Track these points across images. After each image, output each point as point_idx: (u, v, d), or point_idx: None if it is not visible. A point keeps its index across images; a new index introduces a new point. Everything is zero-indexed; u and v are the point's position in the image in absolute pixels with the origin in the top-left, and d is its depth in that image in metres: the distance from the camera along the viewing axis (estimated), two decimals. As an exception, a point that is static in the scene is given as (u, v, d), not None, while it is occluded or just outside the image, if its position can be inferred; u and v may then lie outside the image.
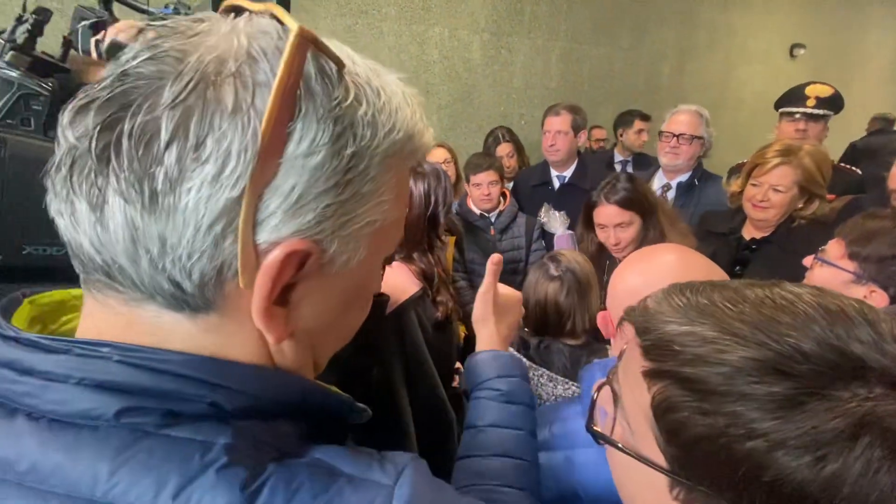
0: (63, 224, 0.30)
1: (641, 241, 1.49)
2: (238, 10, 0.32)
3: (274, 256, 0.30)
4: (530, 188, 2.21)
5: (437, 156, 2.33)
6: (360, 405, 0.40)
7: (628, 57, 4.31)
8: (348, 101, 0.31)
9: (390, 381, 1.00)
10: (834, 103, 1.96)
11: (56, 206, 0.30)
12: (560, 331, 1.24)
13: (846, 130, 6.35)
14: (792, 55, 5.48)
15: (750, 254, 1.59)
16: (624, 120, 3.44)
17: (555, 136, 2.07)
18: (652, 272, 0.68)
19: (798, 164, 1.43)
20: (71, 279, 0.34)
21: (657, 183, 2.06)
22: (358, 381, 1.01)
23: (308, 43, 0.29)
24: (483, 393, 0.65)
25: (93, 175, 0.28)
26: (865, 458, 0.31)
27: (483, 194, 1.96)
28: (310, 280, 0.33)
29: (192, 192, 0.27)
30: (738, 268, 1.60)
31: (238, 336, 0.33)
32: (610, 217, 1.49)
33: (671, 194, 2.01)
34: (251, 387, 0.32)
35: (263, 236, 0.29)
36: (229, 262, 0.29)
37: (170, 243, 0.28)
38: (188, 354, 0.31)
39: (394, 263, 1.08)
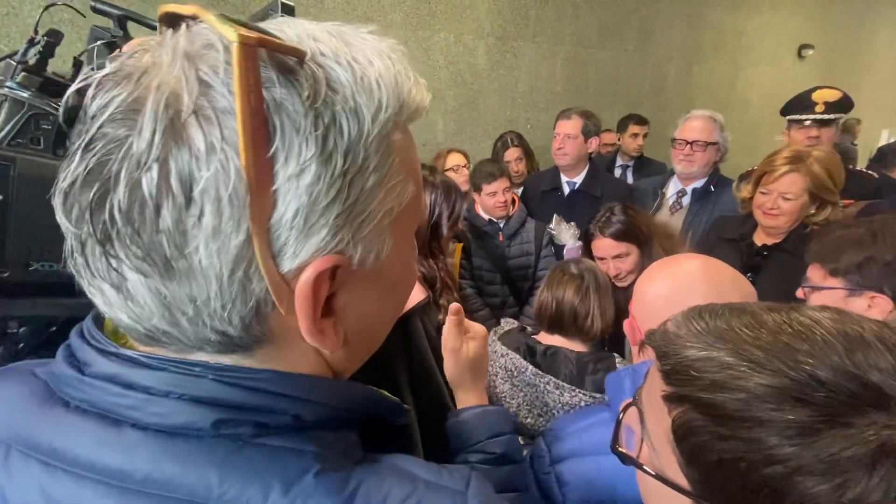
0: (100, 304, 0.30)
1: (641, 270, 1.50)
2: (175, 19, 0.30)
3: (304, 280, 0.29)
4: (540, 193, 2.20)
5: (453, 161, 2.33)
6: (406, 406, 0.41)
7: (634, 60, 4.30)
8: (322, 96, 0.28)
9: (397, 389, 1.00)
10: (843, 106, 1.93)
11: (87, 289, 0.30)
12: (576, 331, 1.23)
13: (860, 131, 6.30)
14: (800, 56, 5.43)
15: (762, 260, 1.56)
16: (620, 125, 3.45)
17: (563, 140, 2.05)
18: (679, 278, 0.68)
19: (807, 171, 1.41)
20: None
21: (672, 189, 2.03)
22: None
23: (255, 49, 0.26)
24: (475, 457, 0.63)
25: (105, 258, 0.28)
26: (885, 484, 0.31)
27: (499, 202, 1.95)
28: (347, 285, 0.33)
29: (201, 249, 0.27)
30: (749, 274, 1.58)
31: (296, 356, 0.33)
32: (606, 250, 1.52)
33: (686, 200, 1.98)
34: (328, 398, 0.33)
35: (286, 265, 0.29)
36: (264, 299, 0.29)
37: (200, 301, 0.28)
38: (274, 372, 0.32)
39: None
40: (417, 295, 1.07)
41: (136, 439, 0.30)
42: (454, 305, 0.67)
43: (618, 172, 3.40)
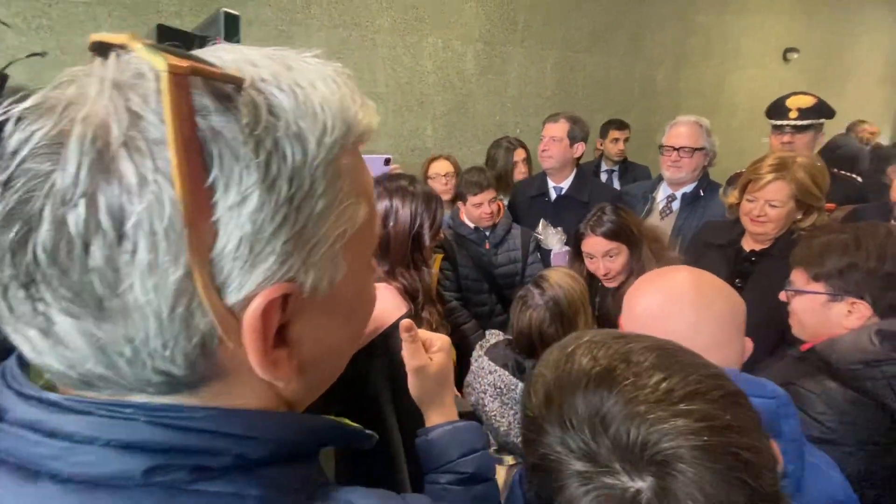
0: (27, 351, 0.28)
1: (630, 271, 1.50)
2: (104, 48, 0.28)
3: (252, 311, 0.28)
4: (528, 199, 2.19)
5: (440, 168, 2.31)
6: (369, 431, 0.39)
7: (623, 64, 4.32)
8: (262, 123, 0.27)
9: (379, 407, 0.98)
10: (819, 111, 1.96)
11: (12, 336, 0.28)
12: None
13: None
14: (786, 59, 5.50)
15: (750, 266, 1.56)
16: (602, 130, 3.49)
17: (549, 142, 2.06)
18: (668, 291, 0.67)
19: (792, 179, 1.42)
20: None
21: (662, 194, 2.03)
22: (348, 408, 0.99)
23: (186, 78, 0.25)
24: (446, 478, 0.61)
25: (30, 301, 0.26)
26: None
27: (485, 213, 1.93)
28: (300, 314, 0.31)
29: (136, 286, 0.25)
30: (738, 280, 1.57)
31: (246, 391, 0.32)
32: (597, 248, 1.52)
33: (676, 205, 1.98)
34: (275, 433, 0.31)
35: (232, 297, 0.28)
36: (209, 334, 0.28)
37: (139, 340, 0.27)
38: (214, 409, 0.30)
39: (379, 284, 1.06)
40: (397, 310, 1.05)
41: (54, 493, 0.27)
42: (405, 322, 0.64)
43: (603, 177, 3.42)
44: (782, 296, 1.10)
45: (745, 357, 0.66)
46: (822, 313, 1.00)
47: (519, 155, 2.52)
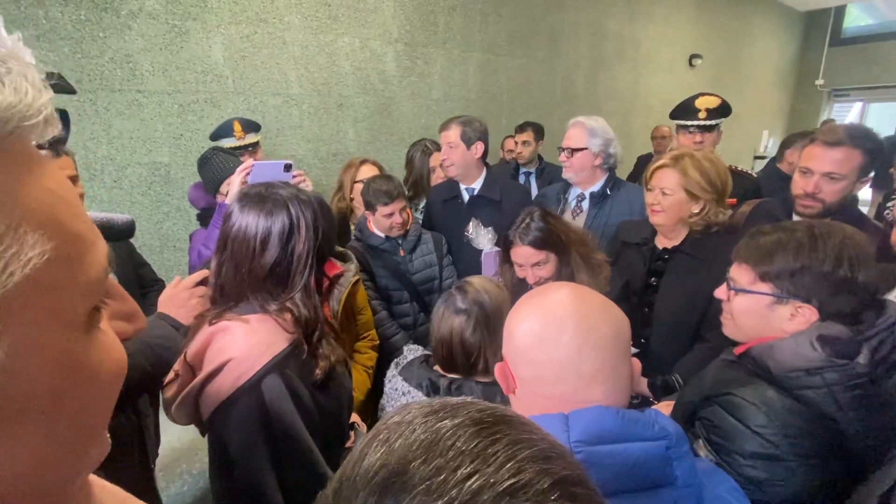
0: None
1: (559, 276, 1.46)
2: None
3: None
4: (442, 203, 2.12)
5: (367, 172, 2.16)
6: None
7: (544, 67, 4.40)
8: None
9: (259, 469, 0.81)
10: (723, 111, 2.08)
11: None
12: (470, 369, 1.12)
13: (744, 132, 6.96)
14: (691, 64, 5.89)
15: (663, 264, 1.57)
16: (516, 133, 3.54)
17: (446, 151, 2.02)
18: (547, 312, 0.59)
19: (682, 169, 1.44)
20: None
21: (573, 194, 2.04)
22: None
23: None
24: None
25: None
26: None
27: (396, 223, 1.83)
28: None
29: None
30: (653, 279, 1.58)
31: None
32: (525, 257, 1.47)
33: (585, 204, 1.99)
34: None
35: None
36: None
37: None
38: None
39: (252, 317, 0.89)
40: (270, 347, 0.86)
41: None
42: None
43: (522, 179, 3.45)
44: (721, 293, 1.01)
45: (635, 376, 0.60)
46: (763, 315, 0.92)
47: (436, 160, 2.44)
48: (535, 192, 3.00)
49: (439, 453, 0.26)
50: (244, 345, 0.82)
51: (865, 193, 2.48)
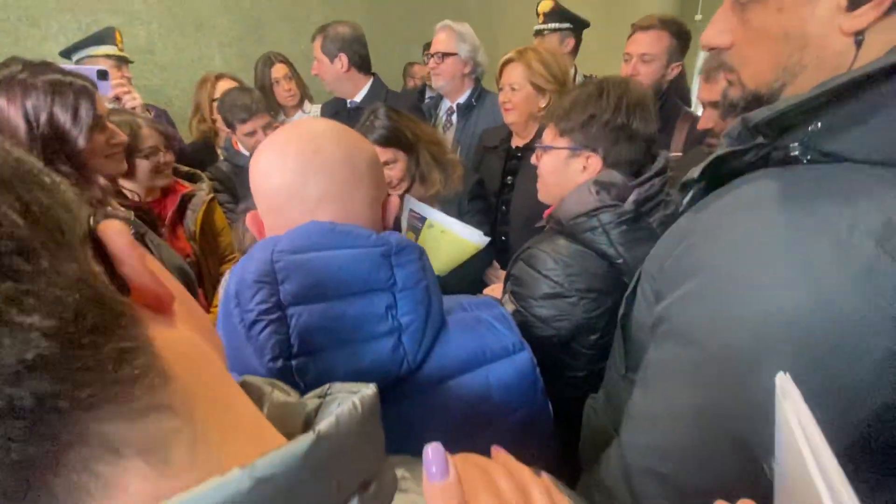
0: None
1: (413, 178, 1.43)
2: None
3: None
4: (330, 116, 2.04)
5: (224, 88, 1.97)
6: None
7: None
8: None
9: None
10: (559, 17, 2.10)
11: None
12: None
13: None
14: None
15: (517, 162, 1.63)
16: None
17: (316, 68, 1.95)
18: (276, 143, 0.56)
19: (526, 62, 1.48)
20: None
21: (443, 107, 2.03)
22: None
23: None
24: None
25: None
26: None
27: (259, 141, 1.71)
28: None
29: None
30: (509, 178, 1.64)
31: None
32: None
33: (454, 117, 1.99)
34: None
35: None
36: None
37: None
38: None
39: None
40: None
41: None
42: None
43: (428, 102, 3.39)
44: (533, 159, 1.06)
45: (390, 213, 0.60)
46: (562, 171, 0.98)
47: (279, 71, 2.30)
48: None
49: None
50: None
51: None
